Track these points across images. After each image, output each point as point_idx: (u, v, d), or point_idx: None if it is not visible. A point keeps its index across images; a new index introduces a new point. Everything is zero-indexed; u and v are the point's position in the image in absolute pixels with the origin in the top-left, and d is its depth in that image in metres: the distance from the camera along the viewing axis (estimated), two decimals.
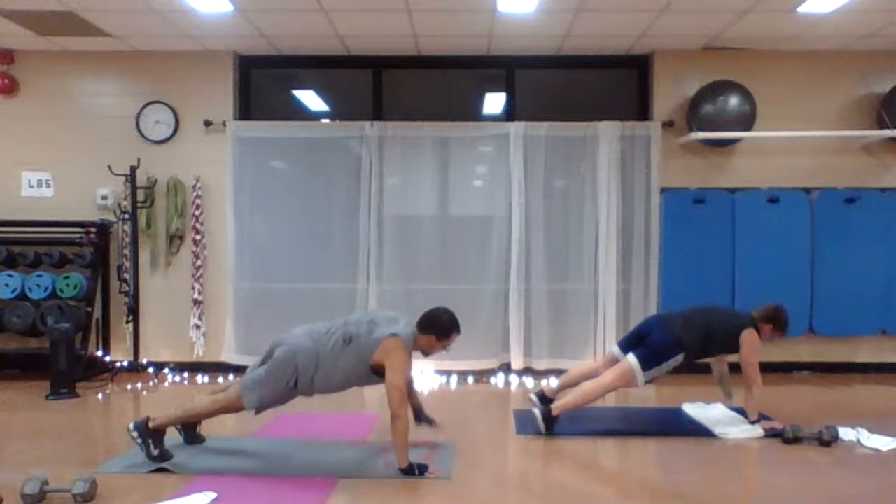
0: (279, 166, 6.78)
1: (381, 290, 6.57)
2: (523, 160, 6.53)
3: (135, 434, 3.95)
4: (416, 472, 3.80)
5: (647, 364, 4.66)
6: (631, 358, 4.69)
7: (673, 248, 6.49)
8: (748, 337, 4.74)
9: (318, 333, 4.06)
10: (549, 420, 4.64)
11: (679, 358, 4.70)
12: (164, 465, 3.90)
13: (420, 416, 4.44)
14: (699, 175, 6.59)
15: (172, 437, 4.16)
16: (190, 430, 4.32)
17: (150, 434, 3.95)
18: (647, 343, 4.79)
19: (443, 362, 6.50)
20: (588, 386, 4.77)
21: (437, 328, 4.08)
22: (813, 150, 6.55)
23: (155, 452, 3.93)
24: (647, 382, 4.70)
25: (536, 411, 4.71)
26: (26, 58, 6.66)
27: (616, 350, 4.95)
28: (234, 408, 4.09)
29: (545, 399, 4.97)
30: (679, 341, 4.70)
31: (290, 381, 3.97)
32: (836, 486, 3.77)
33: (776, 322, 4.86)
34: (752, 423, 4.68)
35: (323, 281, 6.61)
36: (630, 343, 4.88)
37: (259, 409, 4.05)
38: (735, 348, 4.77)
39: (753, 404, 4.72)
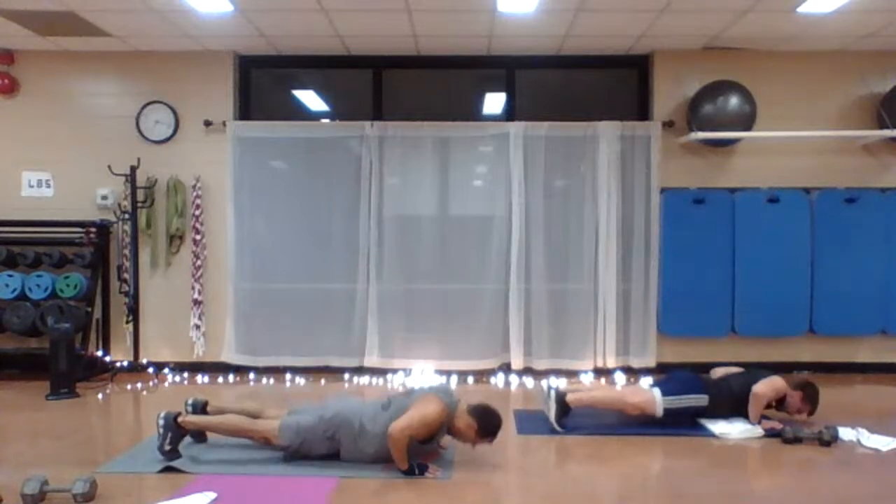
0: (279, 166, 6.78)
1: (381, 290, 6.57)
2: (523, 160, 6.53)
3: (161, 422, 4.00)
4: (416, 471, 3.79)
5: (668, 392, 4.75)
6: (655, 389, 4.82)
7: (673, 248, 6.49)
8: (776, 381, 4.75)
9: (362, 402, 4.23)
10: (563, 408, 4.69)
11: (703, 398, 4.76)
12: (167, 463, 3.90)
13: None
14: (699, 175, 6.59)
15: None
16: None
17: (173, 428, 4.00)
18: (671, 377, 4.99)
19: (443, 362, 6.53)
20: (611, 392, 4.92)
21: (485, 421, 3.97)
22: (813, 150, 6.55)
23: (167, 447, 3.97)
24: (667, 412, 4.72)
25: (552, 397, 4.72)
26: (26, 58, 6.66)
27: (645, 384, 5.13)
28: (267, 438, 4.04)
29: (560, 391, 4.87)
30: (705, 384, 4.84)
31: (328, 435, 3.98)
32: (836, 486, 3.77)
33: (807, 392, 4.82)
34: (753, 423, 4.69)
35: (323, 281, 6.61)
36: (657, 382, 5.04)
37: (289, 450, 4.01)
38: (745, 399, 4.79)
39: (756, 412, 4.73)
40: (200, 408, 4.41)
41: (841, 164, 6.56)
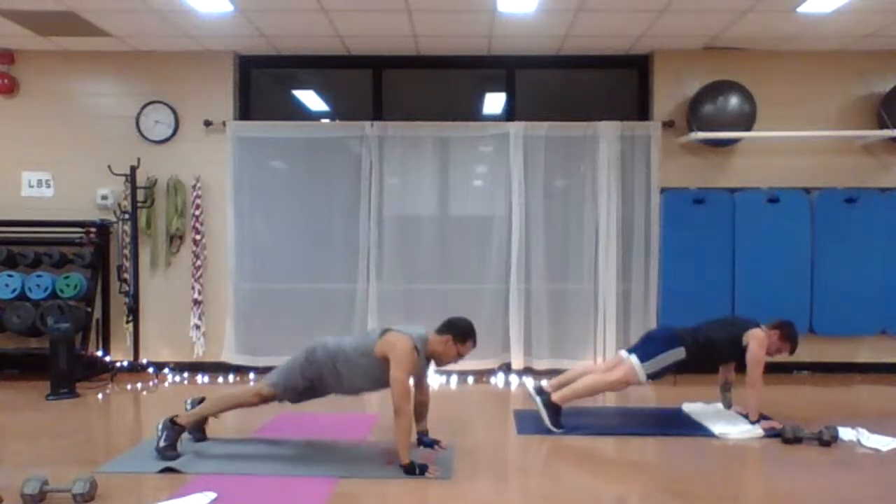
0: (279, 166, 6.78)
1: (381, 290, 6.57)
2: (523, 160, 6.53)
3: (159, 426, 4.08)
4: (417, 471, 3.80)
5: (646, 356, 4.70)
6: (631, 356, 4.75)
7: (673, 248, 6.48)
8: (757, 334, 4.75)
9: (339, 338, 4.29)
10: (553, 410, 4.66)
11: (680, 352, 4.71)
12: (165, 464, 3.90)
13: (423, 439, 4.24)
14: (699, 175, 6.59)
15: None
16: (198, 426, 4.34)
17: (168, 427, 4.07)
18: (645, 339, 4.90)
19: None
20: (590, 379, 4.80)
21: (457, 329, 4.09)
22: (813, 150, 6.55)
23: (161, 444, 4.02)
24: (650, 377, 4.71)
25: (539, 403, 4.71)
26: (26, 58, 6.66)
27: (622, 353, 4.98)
28: (259, 393, 4.19)
29: (543, 392, 4.87)
30: (679, 336, 4.76)
31: (305, 371, 4.09)
32: (836, 486, 3.77)
33: (784, 330, 4.85)
34: (753, 423, 4.69)
35: (323, 281, 6.61)
36: (632, 347, 4.94)
37: (279, 391, 4.15)
38: (739, 355, 4.78)
39: (754, 405, 4.72)
40: (197, 403, 4.42)
41: (841, 164, 6.56)
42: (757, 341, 4.73)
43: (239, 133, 6.60)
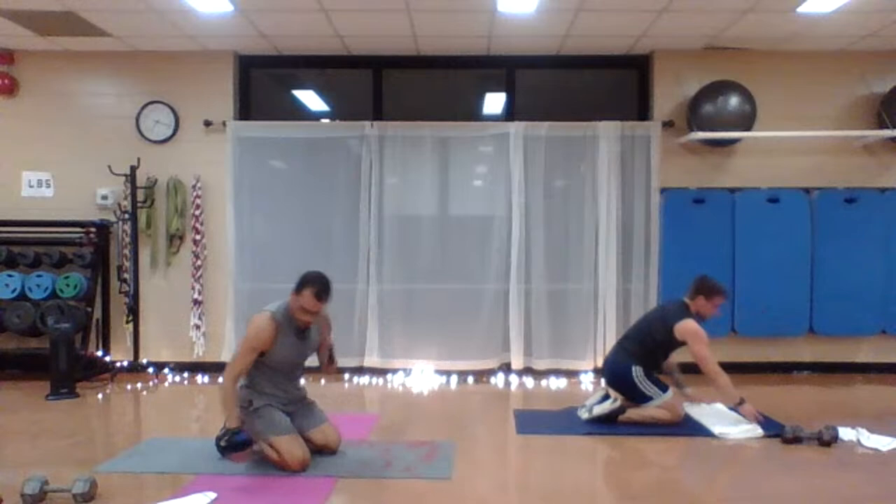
0: (279, 166, 6.78)
1: (381, 290, 6.57)
2: (523, 160, 6.53)
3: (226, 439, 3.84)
4: (226, 441, 3.73)
5: (643, 399, 4.78)
6: (651, 402, 4.80)
7: (673, 248, 6.48)
8: (684, 328, 4.73)
9: None
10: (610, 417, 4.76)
11: (639, 370, 4.78)
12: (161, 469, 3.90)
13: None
14: (699, 175, 6.59)
15: (174, 437, 4.15)
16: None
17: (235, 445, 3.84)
18: (618, 387, 4.93)
19: (443, 362, 6.53)
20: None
21: (303, 284, 3.91)
22: (813, 150, 6.55)
23: (223, 444, 3.83)
24: (665, 396, 4.80)
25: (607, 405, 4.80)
26: (26, 58, 6.66)
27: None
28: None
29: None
30: (627, 363, 4.82)
31: None
32: (836, 486, 3.77)
33: (704, 289, 4.84)
34: (734, 407, 4.71)
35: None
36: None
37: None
38: (681, 343, 4.81)
39: (727, 391, 4.71)
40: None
41: (841, 164, 6.56)
42: (692, 337, 4.70)
43: (239, 133, 6.60)
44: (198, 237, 6.61)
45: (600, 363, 6.46)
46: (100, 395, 5.88)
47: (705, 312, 4.86)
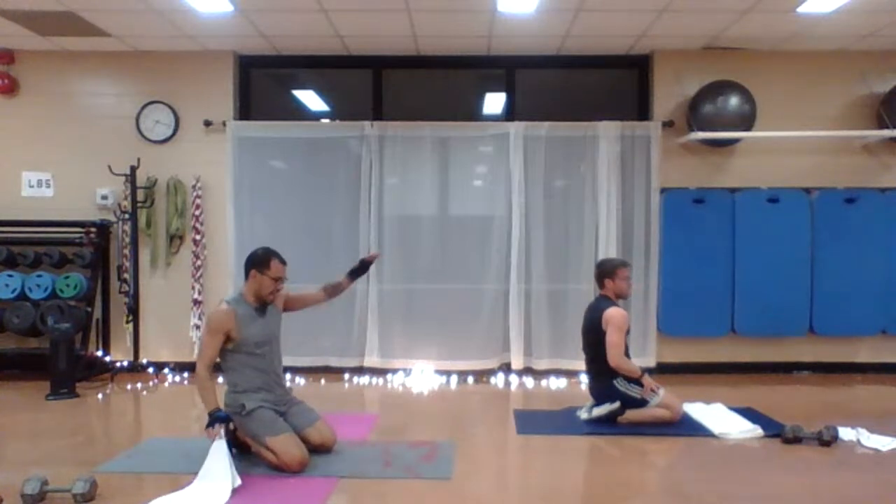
0: (279, 166, 6.78)
1: (381, 290, 6.57)
2: (523, 160, 6.53)
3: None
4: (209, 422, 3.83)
5: (633, 403, 4.77)
6: (653, 398, 4.79)
7: (673, 248, 6.48)
8: (607, 316, 4.78)
9: None
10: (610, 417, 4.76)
11: (620, 380, 4.78)
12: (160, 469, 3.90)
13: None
14: (699, 175, 6.58)
15: (174, 437, 4.14)
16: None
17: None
18: (599, 397, 4.92)
19: (443, 362, 6.53)
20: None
21: (250, 262, 4.17)
22: (813, 150, 6.55)
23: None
24: (653, 393, 4.79)
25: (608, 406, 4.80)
26: (26, 58, 6.66)
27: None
28: None
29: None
30: (606, 382, 4.82)
31: None
32: (836, 486, 3.77)
33: (606, 273, 4.92)
34: (637, 380, 4.74)
35: (322, 281, 6.55)
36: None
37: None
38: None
39: (627, 373, 4.73)
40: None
41: (841, 164, 6.56)
42: (608, 322, 4.75)
43: (239, 133, 6.60)
44: (198, 237, 6.61)
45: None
46: (100, 395, 5.88)
47: (620, 290, 4.94)
